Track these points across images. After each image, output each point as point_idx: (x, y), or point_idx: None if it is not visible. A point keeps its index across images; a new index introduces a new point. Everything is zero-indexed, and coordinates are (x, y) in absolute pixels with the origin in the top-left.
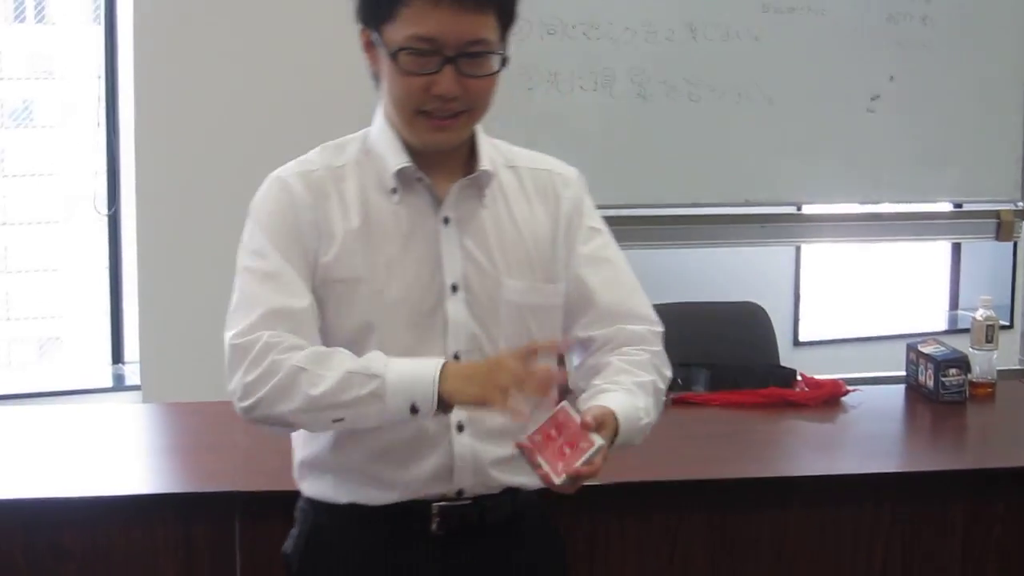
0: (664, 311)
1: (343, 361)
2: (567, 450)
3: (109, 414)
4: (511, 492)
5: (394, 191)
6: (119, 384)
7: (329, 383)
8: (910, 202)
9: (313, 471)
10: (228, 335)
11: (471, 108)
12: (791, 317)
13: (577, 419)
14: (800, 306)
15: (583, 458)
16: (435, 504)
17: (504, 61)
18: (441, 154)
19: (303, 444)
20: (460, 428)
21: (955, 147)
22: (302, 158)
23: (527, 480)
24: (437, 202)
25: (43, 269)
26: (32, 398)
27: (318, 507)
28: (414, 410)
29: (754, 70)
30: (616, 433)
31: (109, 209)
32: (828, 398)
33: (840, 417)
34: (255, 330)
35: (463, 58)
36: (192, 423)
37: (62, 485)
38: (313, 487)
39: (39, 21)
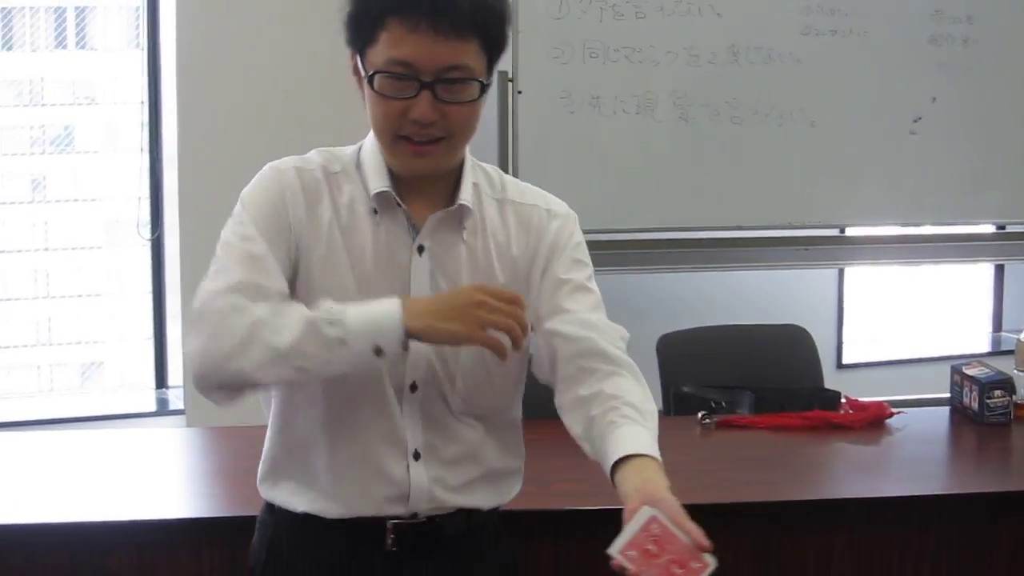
0: (708, 334)
1: (303, 311)
2: (677, 570)
3: (153, 438)
4: (466, 511)
5: (375, 211)
6: (163, 408)
7: (293, 333)
8: (952, 224)
9: (275, 474)
10: (194, 302)
11: (450, 135)
12: (834, 339)
13: (674, 530)
14: (843, 328)
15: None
16: (390, 521)
17: (484, 88)
18: (424, 181)
19: (269, 447)
20: (416, 456)
21: (998, 168)
22: (301, 156)
23: (483, 502)
24: (415, 230)
25: (85, 294)
26: (76, 423)
27: (276, 515)
28: (378, 352)
29: (796, 92)
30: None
31: (152, 234)
32: (873, 420)
33: (885, 439)
34: (221, 296)
35: (440, 84)
36: (236, 447)
37: (107, 509)
38: (272, 491)
39: (80, 47)
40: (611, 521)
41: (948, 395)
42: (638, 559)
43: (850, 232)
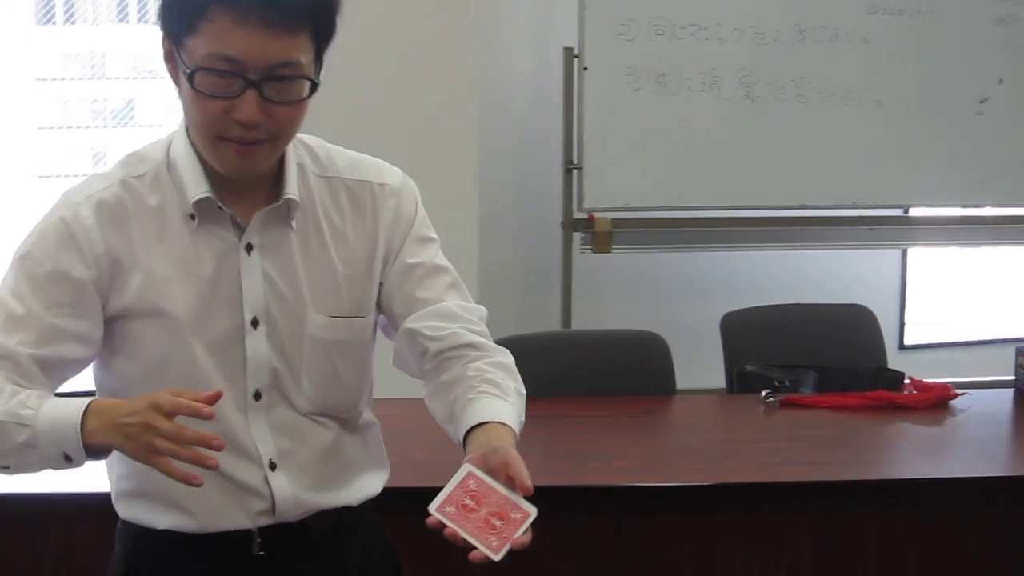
0: (772, 313)
1: (3, 405)
2: (497, 522)
3: None
4: (336, 510)
5: (192, 217)
6: None
7: None
8: (1016, 206)
9: (128, 493)
10: None
11: (274, 136)
12: (897, 320)
13: (492, 483)
14: (906, 309)
15: (521, 529)
16: (256, 528)
17: (314, 87)
18: (245, 178)
19: (117, 464)
20: (273, 466)
21: None
22: (99, 173)
23: (351, 498)
24: (239, 228)
25: None
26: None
27: (135, 529)
28: (68, 458)
29: (862, 72)
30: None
31: None
32: (936, 401)
33: (948, 420)
34: None
35: (268, 82)
36: None
37: None
38: (128, 510)
39: (142, 21)
40: (674, 496)
41: (1012, 377)
42: (455, 514)
43: (913, 212)
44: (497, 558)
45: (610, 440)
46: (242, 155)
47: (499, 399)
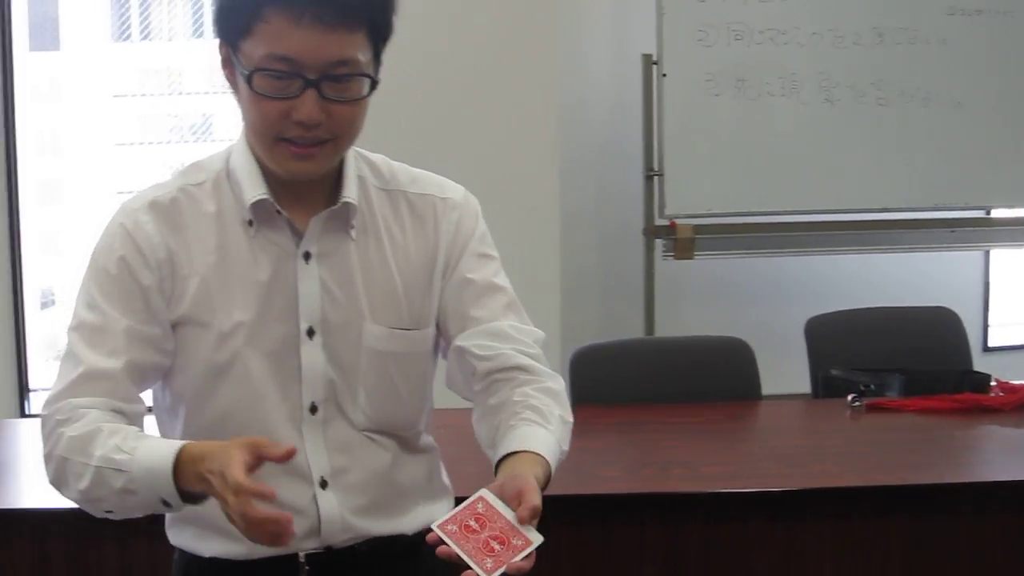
0: (855, 316)
1: (97, 448)
2: (496, 546)
3: None
4: (388, 539)
5: (250, 223)
6: None
7: (88, 478)
8: None
9: (175, 521)
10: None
11: (336, 137)
12: (981, 322)
13: (502, 509)
14: (990, 311)
15: (520, 556)
16: (303, 554)
17: (374, 85)
18: (304, 183)
19: None
20: (324, 484)
21: None
22: (156, 183)
23: (407, 526)
24: (298, 236)
25: None
26: None
27: (186, 559)
28: (166, 504)
29: (941, 73)
30: (548, 477)
31: None
32: None
33: None
34: (60, 398)
35: (327, 81)
36: None
37: None
38: (178, 537)
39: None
40: (762, 503)
41: None
42: (456, 533)
43: (995, 214)
44: None
45: (696, 447)
46: (302, 157)
47: (539, 427)
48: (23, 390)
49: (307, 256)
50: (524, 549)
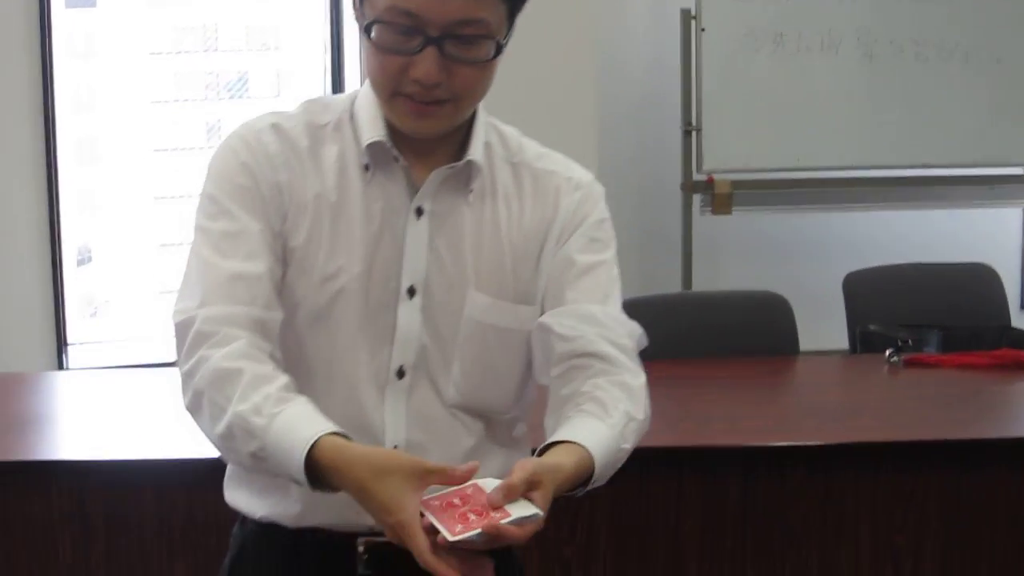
0: (894, 272)
1: (236, 398)
2: (472, 516)
3: None
4: None
5: (367, 168)
6: None
7: (223, 424)
8: None
9: (231, 480)
10: (172, 311)
11: (456, 98)
12: (1019, 279)
13: (490, 490)
14: None
15: (504, 521)
16: (361, 539)
17: (499, 48)
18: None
19: None
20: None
21: None
22: (280, 110)
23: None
24: (413, 189)
25: None
26: None
27: (243, 528)
28: (299, 482)
29: (981, 29)
30: (591, 472)
31: None
32: None
33: None
34: (200, 305)
35: (450, 40)
36: None
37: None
38: (235, 494)
39: None
40: (800, 456)
41: None
42: (436, 507)
43: None
44: (451, 538)
45: (735, 401)
46: (419, 114)
47: (595, 419)
48: (61, 345)
49: (419, 212)
50: (500, 520)
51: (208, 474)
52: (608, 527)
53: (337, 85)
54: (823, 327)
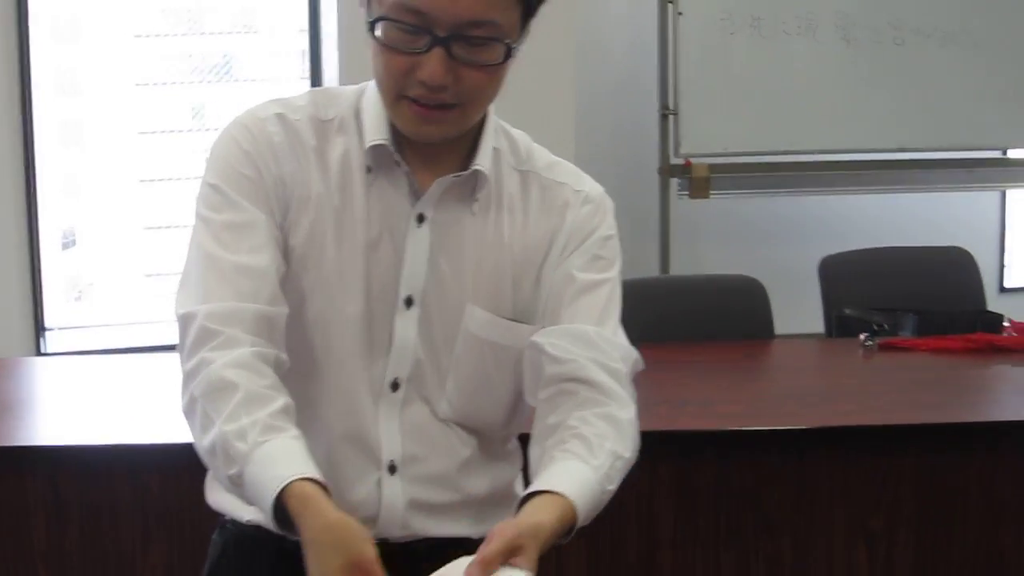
0: (870, 256)
1: (226, 414)
2: None
3: None
4: (451, 540)
5: (369, 169)
6: None
7: (208, 439)
8: None
9: (213, 482)
10: (175, 304)
11: (463, 103)
12: (997, 263)
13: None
14: (1006, 252)
15: None
16: None
17: (510, 52)
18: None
19: None
20: (392, 469)
21: None
22: (286, 98)
23: (472, 530)
24: (416, 195)
25: None
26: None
27: (224, 534)
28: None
29: (959, 14)
30: (574, 522)
31: None
32: None
33: None
34: (198, 302)
35: (458, 41)
36: None
37: None
38: (219, 498)
39: None
40: (774, 441)
41: None
42: None
43: (1012, 154)
44: None
45: (710, 385)
46: (424, 118)
47: (579, 461)
48: (39, 329)
49: (421, 219)
50: None
51: (183, 460)
52: None
53: (316, 68)
54: (800, 311)
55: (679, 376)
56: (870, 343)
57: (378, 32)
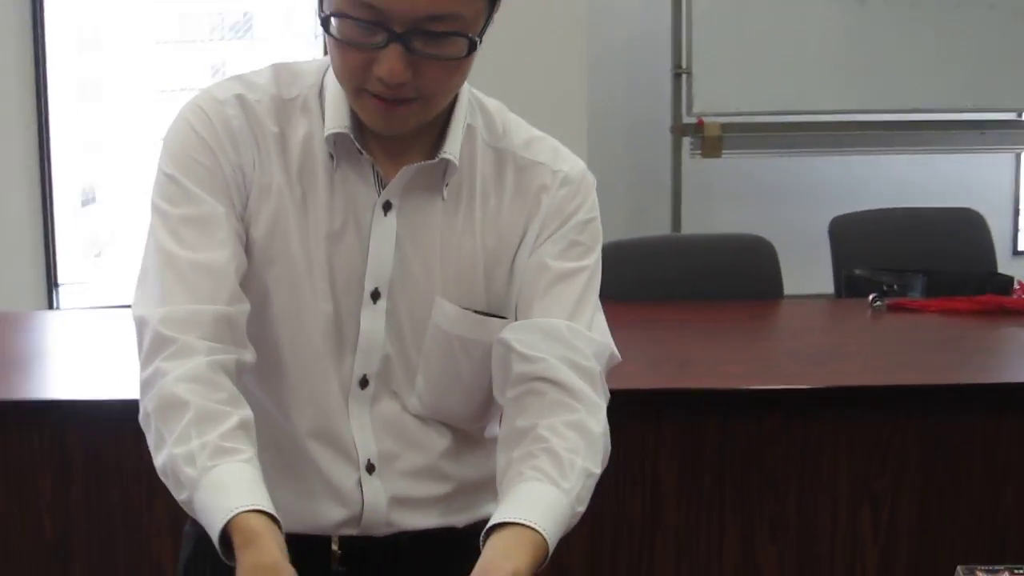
0: (881, 216)
1: (177, 436)
2: None
3: None
4: (438, 530)
5: (332, 156)
6: None
7: (160, 460)
8: None
9: None
10: (132, 303)
11: (425, 96)
12: (1010, 225)
13: None
14: (1020, 214)
15: None
16: (338, 535)
17: (474, 46)
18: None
19: None
20: (371, 469)
21: None
22: (247, 76)
23: (457, 519)
24: (382, 182)
25: None
26: None
27: (200, 530)
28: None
29: None
30: (544, 554)
31: None
32: None
33: None
34: (153, 304)
35: (417, 36)
36: None
37: None
38: None
39: None
40: (778, 400)
41: None
42: None
43: None
44: None
45: (716, 345)
46: (386, 113)
47: (551, 485)
48: (52, 285)
49: (387, 207)
50: None
51: None
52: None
53: None
54: (810, 271)
55: (685, 336)
56: (879, 304)
57: (332, 28)
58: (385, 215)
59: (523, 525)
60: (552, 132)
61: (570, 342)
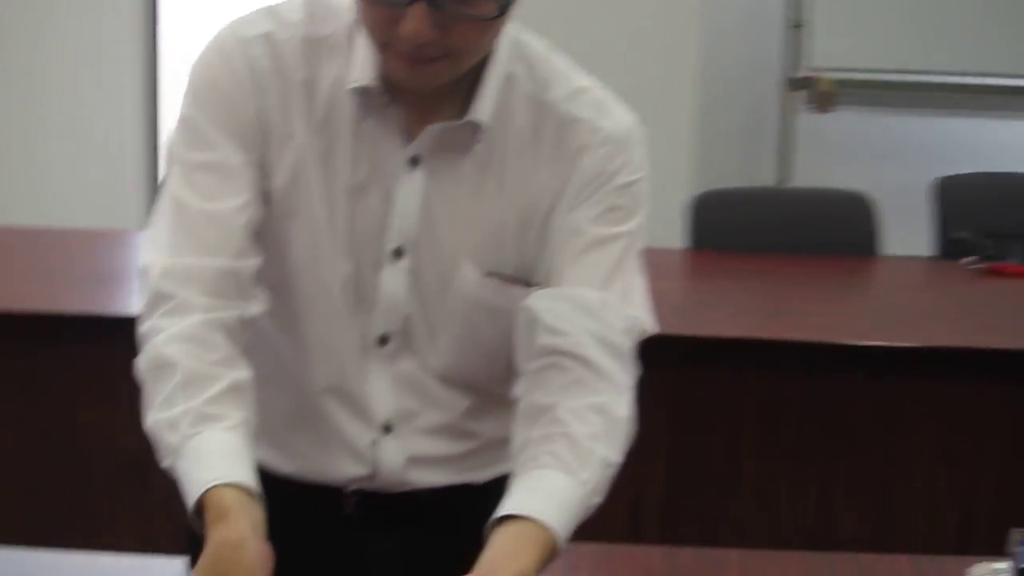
0: (975, 181)
1: (163, 395)
2: None
3: None
4: (456, 487)
5: (359, 106)
6: None
7: (148, 423)
8: None
9: None
10: (142, 248)
11: (453, 54)
12: None
13: None
14: None
15: None
16: (352, 486)
17: (505, 6)
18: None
19: None
20: (388, 429)
21: None
22: (279, 8)
23: (477, 476)
24: (409, 136)
25: None
26: None
27: None
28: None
29: None
30: (552, 551)
31: None
32: None
33: None
34: (159, 255)
35: None
36: None
37: None
38: None
39: None
40: (864, 357)
41: None
42: None
43: None
44: None
45: (806, 298)
46: (412, 70)
47: (565, 475)
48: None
49: (415, 161)
50: None
51: None
52: (668, 415)
53: None
54: (913, 232)
55: (776, 286)
56: (977, 267)
57: None
58: (412, 170)
59: (533, 520)
60: (663, 82)
61: (601, 316)
